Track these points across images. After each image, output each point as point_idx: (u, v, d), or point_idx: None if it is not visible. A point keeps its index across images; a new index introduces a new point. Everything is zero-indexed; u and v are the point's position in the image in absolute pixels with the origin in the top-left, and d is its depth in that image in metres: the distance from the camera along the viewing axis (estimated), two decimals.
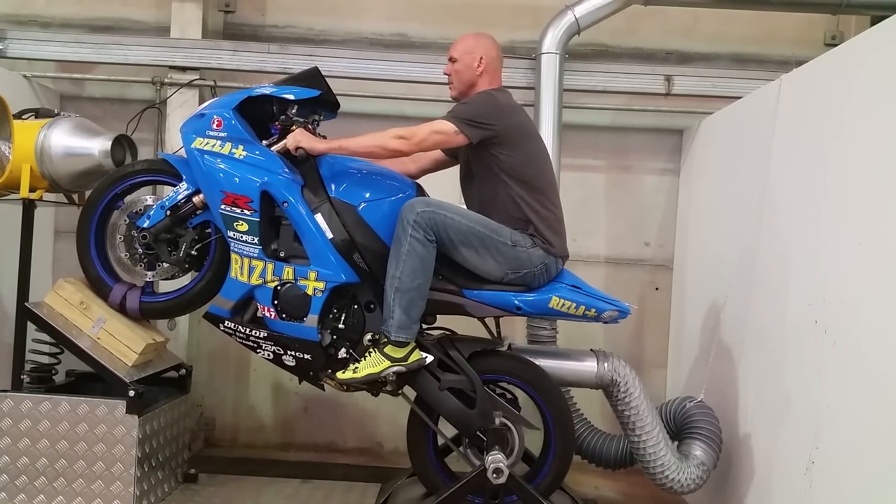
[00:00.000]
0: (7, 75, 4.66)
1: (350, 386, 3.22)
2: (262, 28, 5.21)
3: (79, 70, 5.04)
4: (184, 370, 4.18)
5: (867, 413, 2.58)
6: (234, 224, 3.19)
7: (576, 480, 4.38)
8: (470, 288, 3.23)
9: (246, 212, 3.16)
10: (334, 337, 3.25)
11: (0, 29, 4.83)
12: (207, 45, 4.84)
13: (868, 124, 2.76)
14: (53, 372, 3.85)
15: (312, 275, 3.16)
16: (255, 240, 3.18)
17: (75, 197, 4.09)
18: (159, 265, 3.56)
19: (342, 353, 3.23)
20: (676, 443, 3.59)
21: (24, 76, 4.82)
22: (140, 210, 3.56)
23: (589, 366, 3.49)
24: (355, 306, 3.25)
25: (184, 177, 3.43)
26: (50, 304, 3.72)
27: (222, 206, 3.20)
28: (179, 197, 3.42)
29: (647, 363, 5.05)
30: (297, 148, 3.15)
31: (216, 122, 3.25)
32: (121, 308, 3.63)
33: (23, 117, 3.97)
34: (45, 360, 3.81)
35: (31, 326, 3.74)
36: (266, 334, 3.23)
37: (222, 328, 3.30)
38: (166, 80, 4.87)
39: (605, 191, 5.04)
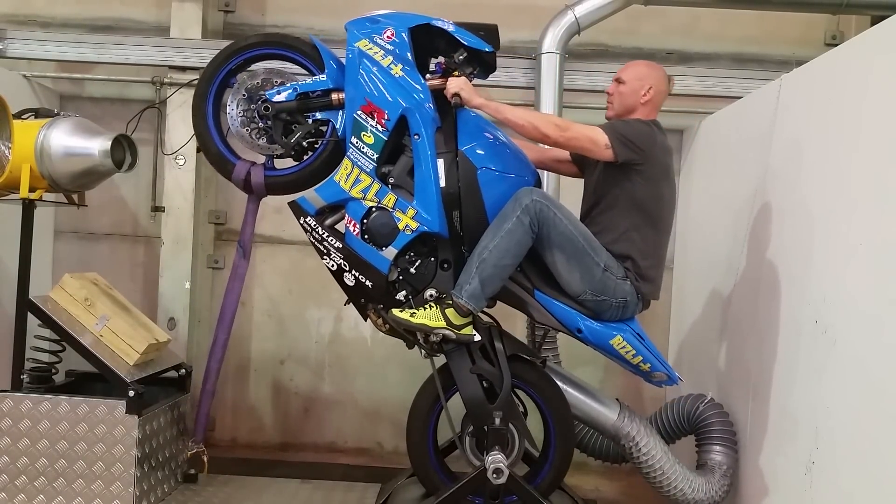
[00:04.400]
0: (7, 75, 4.66)
1: (393, 328, 3.23)
2: (262, 28, 5.21)
3: (79, 70, 5.05)
4: (184, 370, 4.18)
5: (867, 413, 2.58)
6: (362, 133, 3.18)
7: (576, 480, 4.38)
8: (543, 292, 3.22)
9: (379, 126, 3.16)
10: (400, 278, 3.25)
11: (0, 29, 4.83)
12: (207, 45, 4.83)
13: (868, 124, 2.75)
14: (54, 371, 3.85)
15: (411, 212, 3.16)
16: (375, 156, 3.17)
17: (75, 197, 4.09)
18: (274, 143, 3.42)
19: (400, 296, 3.24)
20: (695, 448, 3.59)
21: (24, 76, 4.82)
22: (258, 84, 3.42)
23: (610, 413, 3.46)
24: (431, 259, 3.24)
25: (327, 70, 3.36)
26: (54, 298, 3.73)
27: (358, 112, 3.18)
28: (316, 87, 3.35)
29: None
30: (455, 94, 3.15)
31: (388, 34, 3.22)
32: (245, 185, 3.47)
33: (23, 117, 3.97)
34: (46, 357, 3.82)
35: (31, 326, 3.75)
36: (341, 245, 3.23)
37: (302, 222, 3.28)
38: (166, 80, 4.87)
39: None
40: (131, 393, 3.55)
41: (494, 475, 3.12)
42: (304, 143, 3.38)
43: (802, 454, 2.93)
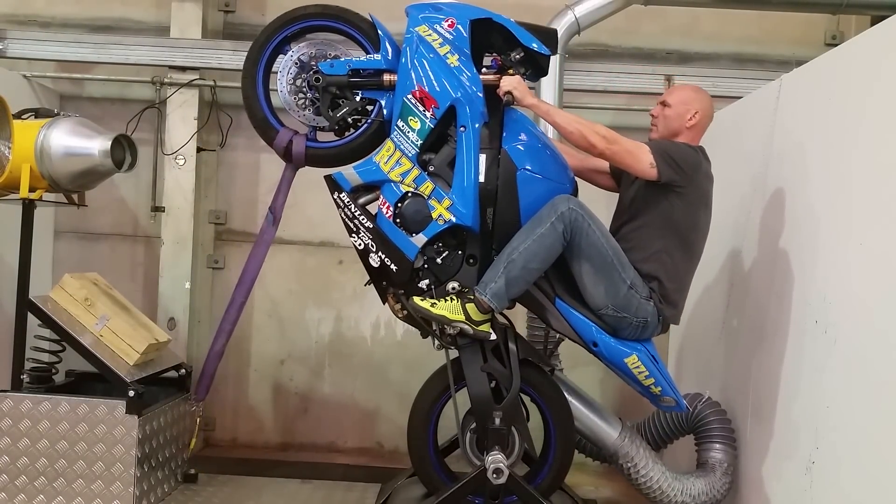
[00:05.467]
0: (7, 75, 4.66)
1: (410, 315, 3.23)
2: (262, 28, 5.20)
3: (79, 70, 5.05)
4: (184, 370, 4.18)
5: (867, 413, 2.58)
6: (409, 118, 3.18)
7: (576, 480, 4.38)
8: (564, 300, 3.20)
9: (427, 113, 3.16)
10: (425, 266, 3.25)
11: (0, 29, 4.83)
12: (207, 45, 4.84)
13: (868, 124, 2.75)
14: (54, 371, 3.85)
15: (446, 203, 3.16)
16: (419, 142, 3.18)
17: (75, 197, 4.09)
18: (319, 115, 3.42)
19: (423, 284, 3.24)
20: (695, 447, 3.59)
21: (24, 76, 4.82)
22: (312, 54, 3.42)
23: (612, 431, 3.45)
24: (459, 252, 3.24)
25: (382, 50, 3.35)
26: (54, 298, 3.73)
27: (408, 97, 3.18)
28: (369, 66, 3.34)
29: None
30: (508, 92, 3.15)
31: (449, 23, 3.21)
32: (285, 153, 3.43)
33: (23, 117, 3.97)
34: (46, 357, 3.82)
35: (31, 326, 3.75)
36: (371, 226, 3.23)
37: (335, 197, 3.27)
38: (166, 80, 4.87)
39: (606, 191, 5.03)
40: (131, 393, 3.55)
41: (494, 475, 3.12)
42: (349, 120, 3.38)
43: (802, 454, 2.93)
